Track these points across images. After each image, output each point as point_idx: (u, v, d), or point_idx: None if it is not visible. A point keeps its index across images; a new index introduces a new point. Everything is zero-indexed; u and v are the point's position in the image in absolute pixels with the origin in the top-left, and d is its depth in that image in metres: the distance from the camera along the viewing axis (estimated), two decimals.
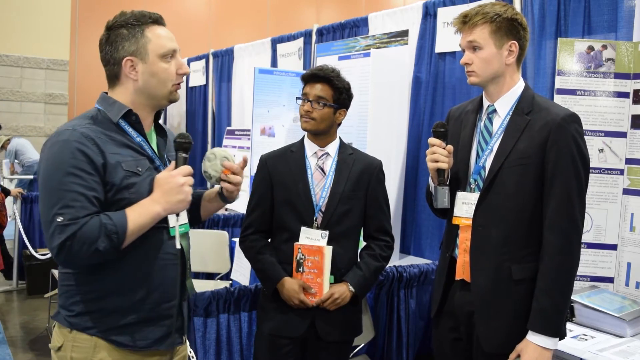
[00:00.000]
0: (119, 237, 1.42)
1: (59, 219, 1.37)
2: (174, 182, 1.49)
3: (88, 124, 1.48)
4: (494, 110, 1.77)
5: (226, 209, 4.64)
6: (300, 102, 2.18)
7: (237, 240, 3.44)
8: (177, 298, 1.59)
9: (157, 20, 1.55)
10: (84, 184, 1.41)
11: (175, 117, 6.54)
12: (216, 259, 3.87)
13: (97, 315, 1.49)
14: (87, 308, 1.49)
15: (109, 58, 1.53)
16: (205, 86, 5.96)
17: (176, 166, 1.54)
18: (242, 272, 3.42)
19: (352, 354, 2.43)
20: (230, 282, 3.70)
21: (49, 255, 4.95)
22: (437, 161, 1.75)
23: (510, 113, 1.74)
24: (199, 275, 4.00)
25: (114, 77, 1.55)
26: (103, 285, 1.49)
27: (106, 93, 1.58)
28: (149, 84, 1.53)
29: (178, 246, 1.56)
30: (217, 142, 5.69)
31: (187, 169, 1.53)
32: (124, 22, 1.51)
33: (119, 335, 1.50)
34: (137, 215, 1.45)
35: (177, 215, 1.55)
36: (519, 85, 1.76)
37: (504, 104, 1.75)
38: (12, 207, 5.38)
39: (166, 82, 1.55)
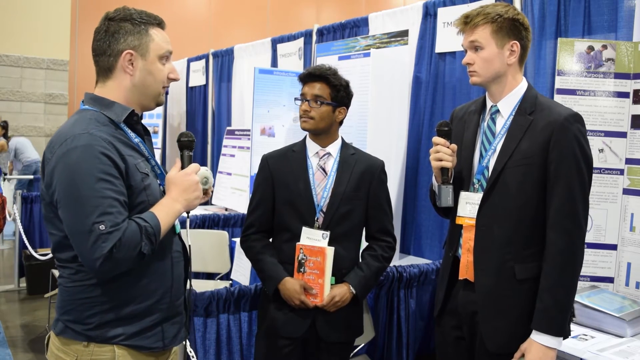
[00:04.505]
0: (157, 238, 1.44)
1: (101, 227, 1.33)
2: (190, 180, 1.54)
3: (97, 127, 1.43)
4: (497, 111, 1.78)
5: (226, 209, 4.64)
6: (298, 102, 2.18)
7: (237, 240, 3.45)
8: (184, 294, 1.62)
9: (160, 24, 1.57)
10: (115, 189, 1.39)
11: (175, 117, 6.54)
12: (216, 259, 3.87)
13: (122, 322, 1.46)
14: (109, 317, 1.45)
15: (106, 48, 1.49)
16: (205, 86, 5.96)
17: (182, 164, 1.59)
18: (242, 272, 3.42)
19: (352, 354, 2.43)
20: (230, 282, 3.70)
21: (49, 256, 4.95)
22: (441, 160, 1.75)
23: (513, 113, 1.74)
24: (199, 275, 4.00)
25: (106, 70, 1.51)
26: (129, 290, 1.47)
27: (90, 94, 1.54)
28: (146, 81, 1.53)
29: (189, 242, 1.60)
30: (217, 142, 5.69)
31: (196, 166, 1.58)
32: (129, 16, 1.51)
33: (144, 339, 1.49)
34: (165, 215, 1.47)
35: (187, 212, 1.58)
36: (522, 86, 1.77)
37: (507, 105, 1.76)
38: (12, 207, 5.38)
39: (159, 83, 1.56)
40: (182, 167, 1.58)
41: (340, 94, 2.16)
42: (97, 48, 1.51)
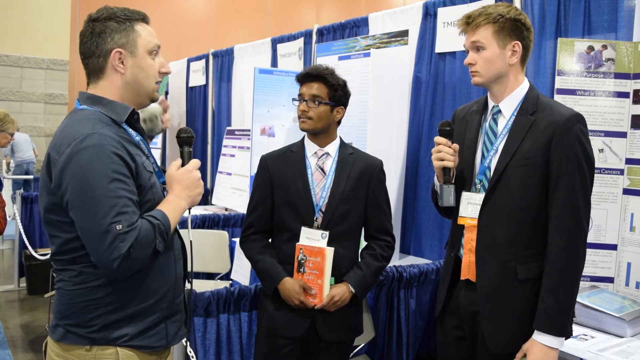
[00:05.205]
0: (168, 235, 1.45)
1: (118, 227, 1.32)
2: (193, 177, 1.55)
3: (103, 126, 1.42)
4: (499, 111, 1.78)
5: (226, 209, 4.64)
6: (296, 103, 2.18)
7: (237, 240, 3.45)
8: (183, 292, 1.62)
9: (144, 18, 1.55)
10: (128, 188, 1.38)
11: (175, 117, 6.54)
12: (216, 259, 3.87)
13: (125, 322, 1.45)
14: (113, 318, 1.44)
15: (95, 49, 1.48)
16: (205, 86, 5.96)
17: (183, 160, 1.59)
18: (242, 272, 3.42)
19: (352, 354, 2.43)
20: (230, 282, 3.70)
21: (49, 256, 4.95)
22: (442, 159, 1.75)
23: (515, 113, 1.74)
24: (199, 275, 4.00)
25: (97, 71, 1.50)
26: (133, 289, 1.46)
27: (85, 93, 1.53)
28: (138, 78, 1.52)
29: (191, 238, 1.59)
30: (217, 142, 5.69)
31: (197, 162, 1.59)
32: (112, 15, 1.49)
33: (147, 338, 1.48)
34: (172, 212, 1.48)
35: (189, 208, 1.59)
36: (524, 86, 1.77)
37: (509, 105, 1.76)
38: (12, 207, 5.38)
39: (152, 79, 1.55)
40: (183, 164, 1.58)
41: (338, 93, 2.16)
42: (86, 51, 1.50)
